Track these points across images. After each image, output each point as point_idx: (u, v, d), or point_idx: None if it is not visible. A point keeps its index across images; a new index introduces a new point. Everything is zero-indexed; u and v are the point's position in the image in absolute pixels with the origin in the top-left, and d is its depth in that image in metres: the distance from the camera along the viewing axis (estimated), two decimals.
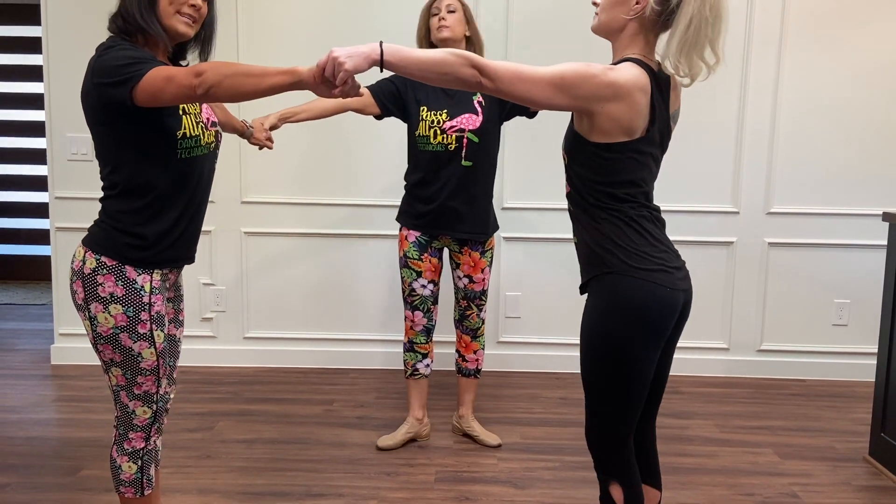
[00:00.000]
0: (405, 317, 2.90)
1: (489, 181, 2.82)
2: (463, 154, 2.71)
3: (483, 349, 2.97)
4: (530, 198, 3.72)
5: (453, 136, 2.69)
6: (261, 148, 2.47)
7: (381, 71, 1.58)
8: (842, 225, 3.72)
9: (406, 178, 2.85)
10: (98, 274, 1.76)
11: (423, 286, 2.84)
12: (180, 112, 1.77)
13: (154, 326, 1.81)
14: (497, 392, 3.52)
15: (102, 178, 1.81)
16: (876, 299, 3.59)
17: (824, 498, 2.56)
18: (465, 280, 2.86)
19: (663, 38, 1.65)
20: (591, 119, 1.60)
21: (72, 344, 3.82)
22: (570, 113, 1.68)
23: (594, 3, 1.71)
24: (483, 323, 2.94)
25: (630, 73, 1.58)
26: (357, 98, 2.64)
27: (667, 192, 3.63)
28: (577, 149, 1.67)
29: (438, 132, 2.69)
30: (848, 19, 3.60)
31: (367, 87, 2.70)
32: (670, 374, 3.50)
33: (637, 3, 1.63)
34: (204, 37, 1.87)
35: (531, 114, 2.79)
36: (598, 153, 1.62)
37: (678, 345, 1.83)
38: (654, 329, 1.64)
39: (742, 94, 3.66)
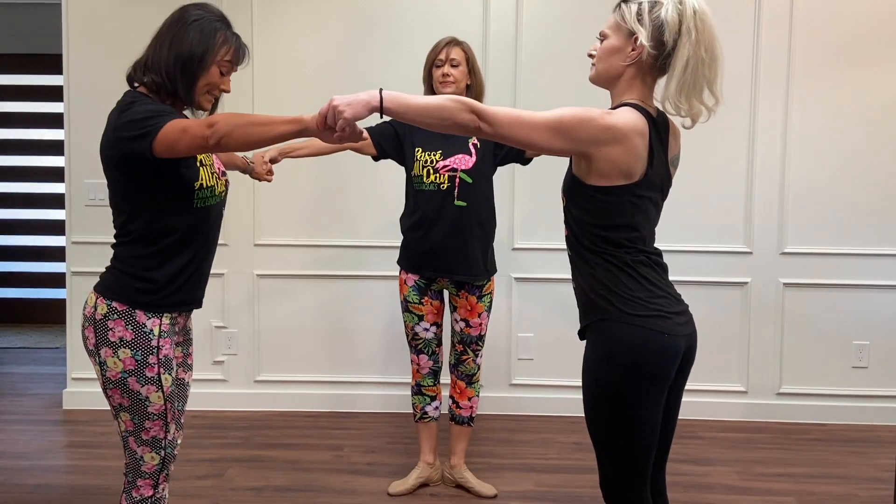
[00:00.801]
0: (411, 360, 2.88)
1: (487, 223, 2.81)
2: (455, 194, 2.71)
3: (478, 396, 2.92)
4: (541, 238, 3.72)
5: (445, 175, 2.71)
6: (261, 180, 2.54)
7: (381, 117, 1.62)
8: (858, 265, 3.67)
9: (402, 220, 2.86)
10: (109, 319, 1.79)
11: (426, 329, 2.83)
12: (197, 164, 1.85)
13: (162, 370, 1.81)
14: (510, 437, 3.46)
15: (116, 227, 1.86)
16: None
17: None
18: (462, 324, 2.83)
19: (660, 83, 1.67)
20: (590, 162, 1.61)
21: (84, 388, 3.81)
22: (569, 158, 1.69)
23: (590, 56, 1.74)
24: (479, 369, 2.89)
25: (628, 118, 1.59)
26: None
27: (678, 233, 3.64)
28: (574, 191, 1.67)
29: (431, 171, 2.72)
30: (856, 50, 3.60)
31: (367, 128, 2.74)
32: (688, 417, 3.42)
33: (633, 50, 1.65)
34: (214, 101, 1.97)
35: (525, 160, 2.81)
36: (596, 196, 1.63)
37: (695, 388, 1.80)
38: (652, 376, 1.62)
39: (751, 134, 3.65)
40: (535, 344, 3.75)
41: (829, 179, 3.66)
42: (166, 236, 1.82)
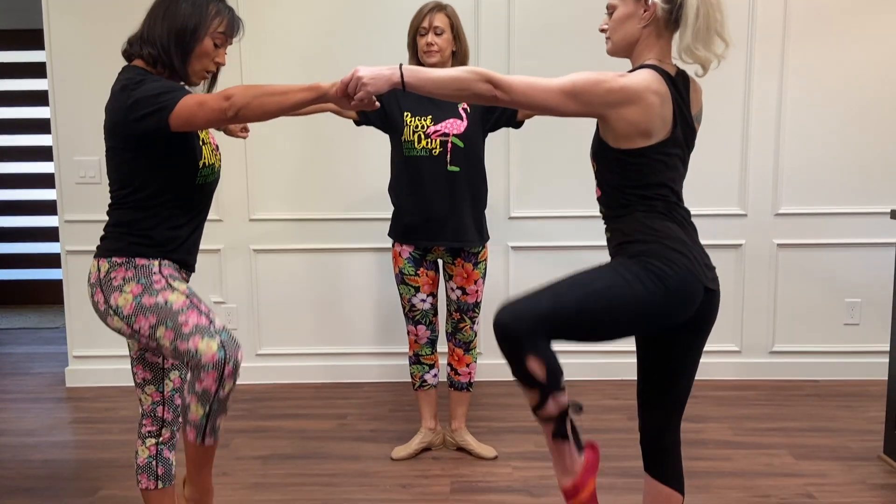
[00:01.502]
0: (408, 332, 2.91)
1: (479, 189, 2.81)
2: (448, 159, 2.71)
3: (476, 362, 2.96)
4: (536, 206, 3.74)
5: (437, 140, 2.70)
6: (236, 137, 2.48)
7: (404, 91, 1.68)
8: (851, 224, 3.72)
9: (391, 190, 2.84)
10: (111, 272, 1.86)
11: (423, 300, 2.85)
12: (200, 143, 1.91)
13: (168, 281, 1.86)
14: (509, 401, 3.53)
15: (119, 197, 1.90)
16: (887, 297, 3.57)
17: (840, 497, 2.56)
18: (458, 292, 2.86)
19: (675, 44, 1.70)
20: (607, 125, 1.65)
21: (86, 366, 3.85)
22: (595, 121, 1.73)
23: (602, 31, 1.77)
24: (476, 336, 2.93)
25: (640, 77, 1.63)
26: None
27: None
28: (604, 155, 1.72)
29: (423, 137, 2.70)
30: (851, 14, 3.60)
31: None
32: None
33: (645, 11, 1.69)
34: (212, 77, 2.01)
35: (517, 123, 2.78)
36: (624, 159, 1.67)
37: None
38: (665, 291, 1.62)
39: (746, 95, 3.66)
40: None
41: (823, 141, 3.69)
42: (165, 206, 1.88)
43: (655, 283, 1.61)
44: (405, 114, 2.72)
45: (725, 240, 3.74)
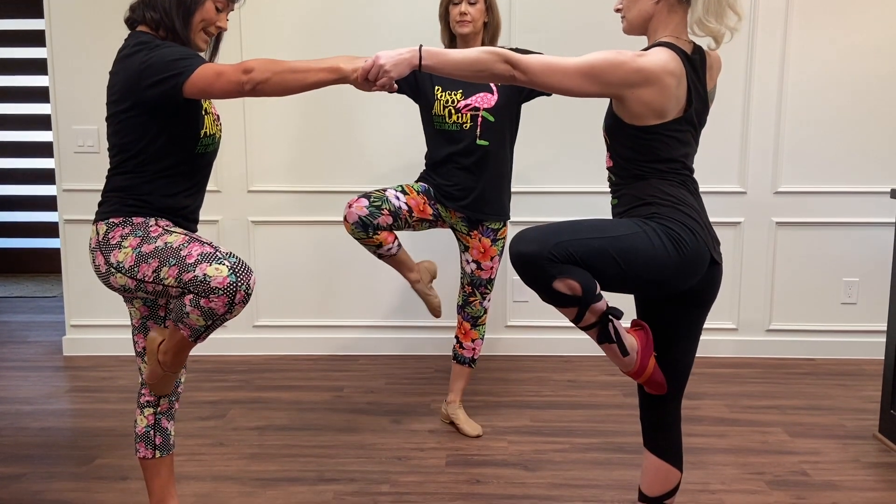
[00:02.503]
0: (349, 202, 2.65)
1: (506, 165, 2.80)
2: (478, 133, 2.69)
3: (482, 339, 2.95)
4: (537, 182, 3.72)
5: (468, 115, 2.68)
6: None
7: (420, 69, 1.70)
8: (850, 203, 3.70)
9: (425, 158, 2.84)
10: (109, 232, 1.86)
11: (396, 198, 2.69)
12: (203, 112, 1.91)
13: (166, 228, 1.85)
14: (506, 376, 3.54)
15: (118, 163, 1.90)
16: (885, 277, 3.56)
17: (834, 475, 2.57)
18: (473, 265, 2.85)
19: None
20: (623, 104, 1.65)
21: (83, 335, 3.85)
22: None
23: (617, 10, 1.76)
24: (485, 312, 2.92)
25: (659, 58, 1.61)
26: None
27: None
28: (617, 131, 1.71)
29: (453, 111, 2.69)
30: None
31: None
32: None
33: None
34: (213, 45, 2.01)
35: (548, 92, 2.78)
36: (638, 135, 1.67)
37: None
38: (679, 248, 1.62)
39: (748, 73, 3.63)
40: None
41: (823, 119, 3.66)
42: (162, 174, 1.88)
43: (672, 245, 1.62)
44: (436, 87, 2.71)
45: (724, 217, 3.72)
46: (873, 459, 2.69)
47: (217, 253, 1.73)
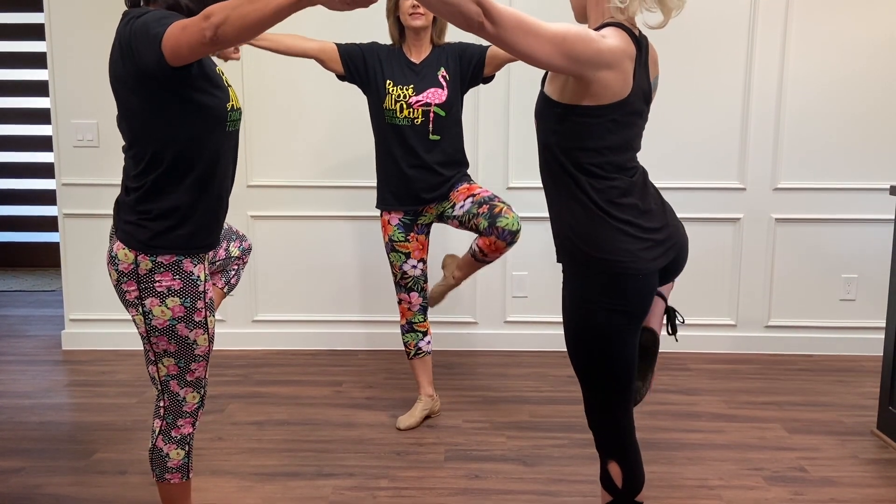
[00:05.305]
0: (400, 300, 2.90)
1: (459, 146, 2.83)
2: (430, 128, 2.72)
3: (509, 247, 2.73)
4: (535, 177, 3.69)
5: (419, 110, 2.71)
6: (226, 60, 2.35)
7: None
8: (849, 200, 3.70)
9: (376, 158, 2.84)
10: (155, 273, 1.77)
11: (414, 267, 2.85)
12: (226, 84, 1.78)
13: (208, 313, 1.84)
14: (505, 371, 3.54)
15: (136, 172, 1.75)
16: (883, 273, 3.56)
17: (832, 471, 2.58)
18: (469, 200, 2.73)
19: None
20: (580, 84, 1.55)
21: (82, 329, 3.85)
22: (540, 79, 1.67)
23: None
24: (518, 221, 2.66)
25: (620, 41, 1.55)
26: (323, 50, 2.74)
27: (673, 169, 3.66)
28: (546, 112, 1.64)
29: (405, 106, 2.71)
30: None
31: (336, 44, 2.75)
32: (677, 350, 3.48)
33: None
34: None
35: (487, 80, 2.82)
36: (570, 117, 1.59)
37: (686, 322, 1.84)
38: (626, 314, 1.64)
39: (748, 69, 3.62)
40: (528, 282, 3.79)
41: (823, 116, 3.66)
42: (193, 169, 1.74)
43: (623, 319, 1.64)
44: (387, 82, 2.73)
45: (723, 213, 3.73)
46: (871, 456, 2.70)
47: (204, 381, 1.91)
